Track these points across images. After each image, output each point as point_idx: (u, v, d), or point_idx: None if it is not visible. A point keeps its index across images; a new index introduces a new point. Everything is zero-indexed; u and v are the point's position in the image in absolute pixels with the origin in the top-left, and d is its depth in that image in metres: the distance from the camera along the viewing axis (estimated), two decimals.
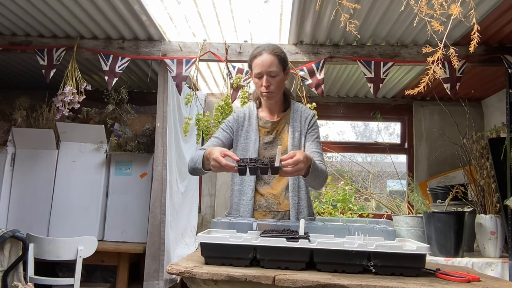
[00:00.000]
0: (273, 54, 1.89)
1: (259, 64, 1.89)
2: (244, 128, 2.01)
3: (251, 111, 2.04)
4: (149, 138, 3.35)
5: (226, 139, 2.00)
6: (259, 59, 1.90)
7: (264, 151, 1.97)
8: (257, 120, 2.01)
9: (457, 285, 1.25)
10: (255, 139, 1.96)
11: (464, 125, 3.00)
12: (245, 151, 1.96)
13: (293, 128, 1.98)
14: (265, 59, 1.88)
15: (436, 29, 1.57)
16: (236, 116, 2.04)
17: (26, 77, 3.98)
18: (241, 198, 1.95)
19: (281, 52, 1.93)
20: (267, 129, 2.00)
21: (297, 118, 2.00)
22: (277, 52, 1.91)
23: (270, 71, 1.88)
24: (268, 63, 1.88)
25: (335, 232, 1.53)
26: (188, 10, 2.73)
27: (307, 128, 1.99)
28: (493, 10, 2.43)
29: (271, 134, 1.99)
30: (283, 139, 1.98)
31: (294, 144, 1.95)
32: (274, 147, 1.97)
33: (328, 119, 4.58)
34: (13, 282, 2.40)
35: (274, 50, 1.91)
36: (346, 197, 3.79)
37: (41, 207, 3.24)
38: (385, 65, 2.92)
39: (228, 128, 2.02)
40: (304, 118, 2.00)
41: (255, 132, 1.98)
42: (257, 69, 1.90)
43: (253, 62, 1.92)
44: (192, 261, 1.44)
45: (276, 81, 1.91)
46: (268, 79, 1.89)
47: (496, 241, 2.67)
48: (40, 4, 2.62)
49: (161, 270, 2.87)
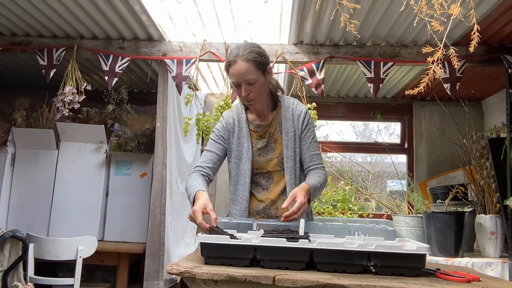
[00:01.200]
0: (248, 61, 1.73)
1: (234, 73, 1.75)
2: (235, 134, 1.91)
3: (240, 115, 1.93)
4: (149, 138, 3.35)
5: (220, 150, 1.91)
6: (233, 69, 1.75)
7: (259, 157, 1.90)
8: (247, 124, 1.92)
9: (457, 285, 1.25)
10: (248, 146, 1.89)
11: (464, 125, 3.00)
12: (238, 159, 1.90)
13: (286, 129, 1.89)
14: (240, 68, 1.73)
15: (436, 29, 1.57)
16: (224, 123, 1.93)
17: (26, 77, 3.98)
18: (234, 208, 1.91)
19: (256, 56, 1.75)
20: (259, 133, 1.91)
21: (289, 117, 1.90)
22: (252, 57, 1.73)
23: (247, 79, 1.75)
24: (244, 71, 1.73)
25: (335, 232, 1.53)
26: (188, 10, 2.73)
27: (302, 129, 1.90)
28: (493, 10, 2.43)
29: (264, 138, 1.91)
30: (276, 142, 1.91)
31: (288, 146, 1.88)
32: (268, 152, 1.91)
33: (328, 119, 4.58)
34: (13, 282, 2.40)
35: (249, 55, 1.73)
36: (346, 197, 3.79)
37: (41, 207, 3.24)
38: (385, 65, 2.92)
39: (219, 138, 1.92)
40: (297, 117, 1.90)
41: (246, 138, 1.90)
42: (233, 79, 1.78)
43: (229, 70, 1.78)
44: (192, 261, 1.44)
45: (256, 88, 1.78)
46: (247, 87, 1.76)
47: (496, 241, 2.67)
48: (40, 4, 2.62)
49: (161, 270, 2.87)
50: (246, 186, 1.88)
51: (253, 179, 1.91)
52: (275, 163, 1.91)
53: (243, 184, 1.89)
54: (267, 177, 1.92)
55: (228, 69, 1.79)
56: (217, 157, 1.90)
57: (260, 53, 1.78)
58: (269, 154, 1.91)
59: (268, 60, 1.84)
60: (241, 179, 1.90)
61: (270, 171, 1.92)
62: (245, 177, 1.89)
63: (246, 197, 1.88)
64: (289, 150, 1.88)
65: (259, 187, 1.92)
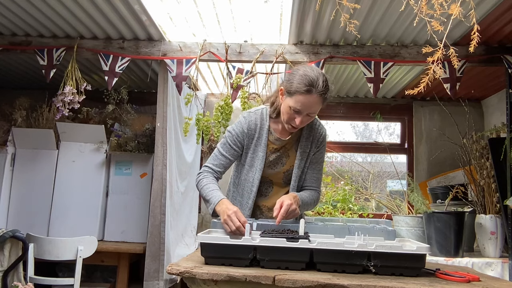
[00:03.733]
0: (323, 97, 1.68)
1: (304, 103, 1.67)
2: (253, 141, 1.87)
3: (263, 122, 1.88)
4: (149, 138, 3.35)
5: (234, 156, 1.88)
6: (307, 99, 1.66)
7: (268, 168, 1.89)
8: (268, 134, 1.87)
9: (457, 285, 1.25)
10: (262, 157, 1.86)
11: (464, 125, 3.00)
12: (250, 166, 1.89)
13: (302, 149, 1.88)
14: (313, 102, 1.67)
15: (436, 29, 1.57)
16: (246, 128, 1.86)
17: (26, 77, 3.98)
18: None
19: (329, 91, 1.70)
20: (276, 146, 1.89)
21: (309, 137, 1.89)
22: (326, 93, 1.68)
23: (312, 112, 1.72)
24: (314, 106, 1.69)
25: (335, 232, 1.53)
26: (188, 10, 2.73)
27: (315, 151, 1.90)
28: (493, 10, 2.42)
29: (278, 152, 1.89)
30: (288, 158, 1.90)
31: (300, 166, 1.88)
32: (277, 165, 1.90)
33: (328, 119, 4.57)
34: (13, 282, 2.39)
35: (325, 91, 1.67)
36: (346, 197, 3.79)
37: (41, 207, 3.24)
38: (385, 65, 2.92)
39: (236, 144, 1.87)
40: (316, 140, 1.89)
41: (263, 148, 1.86)
42: (298, 106, 1.68)
43: (297, 95, 1.67)
44: (192, 261, 1.44)
45: (310, 119, 1.77)
46: (304, 119, 1.72)
47: (496, 241, 2.67)
48: (40, 4, 2.62)
49: (161, 270, 2.87)
50: (252, 195, 1.88)
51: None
52: (279, 176, 1.92)
53: (249, 192, 1.89)
54: (268, 184, 1.94)
55: (297, 93, 1.67)
56: (229, 163, 1.90)
57: (329, 88, 1.71)
58: (277, 167, 1.91)
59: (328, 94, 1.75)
60: (248, 186, 1.90)
61: (272, 181, 1.93)
62: (252, 186, 1.88)
63: (249, 205, 1.88)
64: (299, 170, 1.89)
65: (257, 192, 1.91)
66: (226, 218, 1.57)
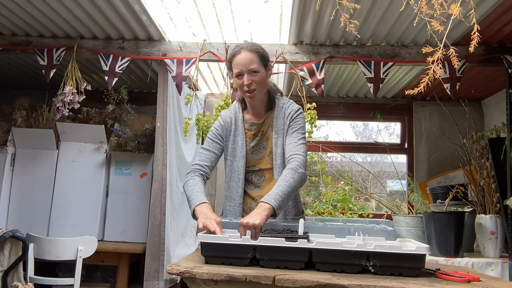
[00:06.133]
0: (253, 51, 1.83)
1: (238, 63, 1.83)
2: (231, 133, 1.96)
3: (237, 114, 1.99)
4: (149, 138, 3.35)
5: (217, 149, 1.95)
6: (238, 58, 1.83)
7: (251, 155, 1.94)
8: (243, 123, 1.96)
9: (457, 285, 1.25)
10: (242, 144, 1.93)
11: (464, 125, 3.00)
12: (232, 156, 1.94)
13: (276, 128, 1.92)
14: (244, 57, 1.82)
15: (436, 29, 1.57)
16: (222, 121, 1.98)
17: (26, 77, 3.98)
18: (228, 204, 1.94)
19: (260, 49, 1.87)
20: (253, 131, 1.95)
21: (281, 116, 1.93)
22: (256, 49, 1.85)
23: (251, 68, 1.81)
24: (248, 60, 1.81)
25: (335, 232, 1.53)
26: (188, 10, 2.73)
27: (288, 124, 1.90)
28: (493, 10, 2.42)
29: (256, 137, 1.95)
30: (268, 140, 1.95)
31: (278, 144, 1.90)
32: (260, 150, 1.94)
33: (328, 119, 4.58)
34: (13, 282, 2.39)
35: (253, 46, 1.85)
36: (346, 197, 3.79)
37: (41, 207, 3.24)
38: (385, 65, 2.92)
39: (217, 137, 1.96)
40: (288, 115, 1.92)
41: (241, 136, 1.94)
42: (237, 69, 1.84)
43: (233, 61, 1.85)
44: (192, 261, 1.44)
45: (258, 79, 1.84)
46: (249, 77, 1.82)
47: (496, 241, 2.67)
48: (40, 4, 2.62)
49: (161, 270, 2.87)
50: (240, 183, 1.92)
51: (246, 177, 1.95)
52: (266, 161, 1.94)
53: (237, 181, 1.93)
54: (259, 175, 1.96)
55: (232, 60, 1.85)
56: (215, 156, 1.94)
57: (262, 48, 1.88)
58: (261, 152, 1.94)
59: (269, 57, 1.93)
60: (235, 176, 1.93)
61: (262, 169, 1.95)
62: (239, 174, 1.92)
63: (239, 194, 1.92)
64: (278, 148, 1.91)
65: (251, 184, 1.95)
66: (204, 221, 1.57)
